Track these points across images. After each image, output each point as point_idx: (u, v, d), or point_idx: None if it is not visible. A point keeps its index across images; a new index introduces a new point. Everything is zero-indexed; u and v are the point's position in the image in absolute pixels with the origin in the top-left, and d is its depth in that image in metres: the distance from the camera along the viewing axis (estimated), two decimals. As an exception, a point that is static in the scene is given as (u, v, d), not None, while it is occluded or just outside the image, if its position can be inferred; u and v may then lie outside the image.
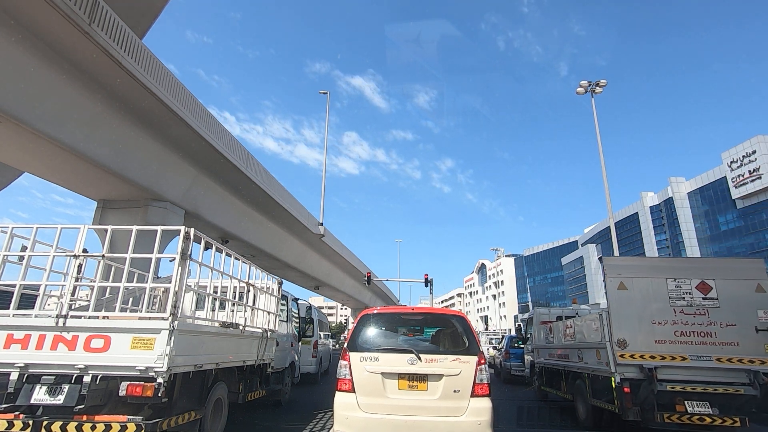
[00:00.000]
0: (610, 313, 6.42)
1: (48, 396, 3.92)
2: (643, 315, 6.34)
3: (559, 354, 9.21)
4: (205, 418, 5.03)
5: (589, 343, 7.29)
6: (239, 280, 6.05)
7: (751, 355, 5.93)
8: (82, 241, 4.45)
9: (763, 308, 6.12)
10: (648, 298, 6.40)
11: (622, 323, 6.33)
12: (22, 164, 15.18)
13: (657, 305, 6.34)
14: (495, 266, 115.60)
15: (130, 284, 4.90)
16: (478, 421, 4.26)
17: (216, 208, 20.56)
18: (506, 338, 17.40)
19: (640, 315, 6.35)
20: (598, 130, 24.25)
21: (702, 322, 6.17)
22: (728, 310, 6.18)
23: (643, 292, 6.43)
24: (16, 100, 11.04)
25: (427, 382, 4.41)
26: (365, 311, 5.12)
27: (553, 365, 9.54)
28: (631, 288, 6.47)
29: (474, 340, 4.69)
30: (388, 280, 45.95)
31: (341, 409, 4.41)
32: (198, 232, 4.60)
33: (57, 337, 4.06)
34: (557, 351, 9.36)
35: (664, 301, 6.34)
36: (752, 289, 6.23)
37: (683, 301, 6.32)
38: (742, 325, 6.08)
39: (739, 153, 55.20)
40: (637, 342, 6.20)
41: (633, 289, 6.46)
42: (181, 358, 4.23)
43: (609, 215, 24.70)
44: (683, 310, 6.28)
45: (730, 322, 6.12)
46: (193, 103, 15.31)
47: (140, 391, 3.91)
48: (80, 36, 10.71)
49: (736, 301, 6.21)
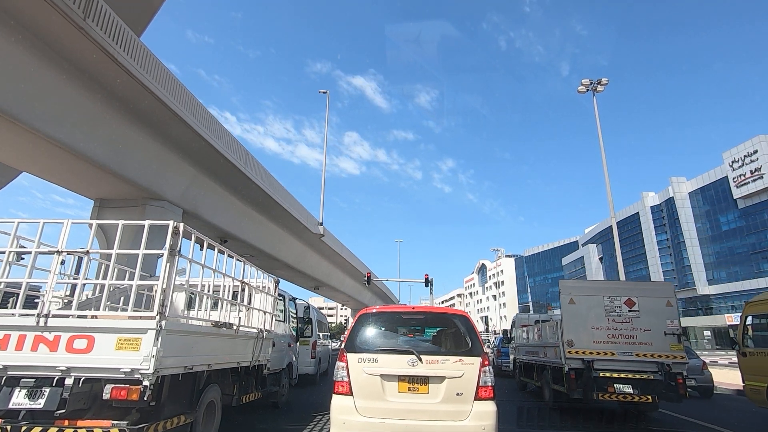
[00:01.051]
0: (563, 321, 8.46)
1: (28, 400, 3.71)
2: (586, 322, 8.32)
3: (532, 351, 11.48)
4: (196, 422, 4.82)
5: (550, 343, 9.48)
6: (233, 279, 5.84)
7: (660, 352, 7.94)
8: (66, 237, 4.24)
9: (670, 318, 8.14)
10: (590, 310, 8.38)
11: (571, 328, 8.34)
12: (20, 163, 15.03)
13: (596, 315, 8.32)
14: (495, 266, 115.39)
15: (116, 282, 4.71)
16: (482, 425, 4.05)
17: (215, 208, 20.38)
18: (498, 338, 19.50)
19: (584, 322, 8.33)
20: (599, 128, 24.05)
21: (627, 328, 8.19)
22: (646, 319, 8.17)
23: (587, 306, 8.42)
24: (15, 99, 10.93)
25: (428, 384, 4.20)
26: (364, 310, 4.90)
27: (528, 360, 11.89)
28: (578, 303, 8.49)
29: (477, 341, 4.48)
30: (388, 280, 45.82)
31: (338, 413, 4.20)
32: (188, 228, 4.39)
33: (38, 337, 3.85)
34: (531, 349, 11.66)
35: (601, 312, 8.32)
36: (664, 304, 8.25)
37: (615, 312, 8.31)
38: (654, 330, 8.09)
39: (740, 153, 55.00)
40: (581, 342, 8.23)
41: (579, 304, 8.48)
42: (169, 359, 4.02)
43: (611, 214, 24.50)
44: (614, 319, 8.27)
45: (647, 328, 8.13)
46: (191, 101, 15.14)
47: (125, 394, 3.70)
48: (76, 32, 10.56)
49: (652, 312, 8.20)
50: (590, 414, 8.85)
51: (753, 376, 8.08)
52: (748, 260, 55.17)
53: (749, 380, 8.16)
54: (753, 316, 8.55)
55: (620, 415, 8.85)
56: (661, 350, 7.98)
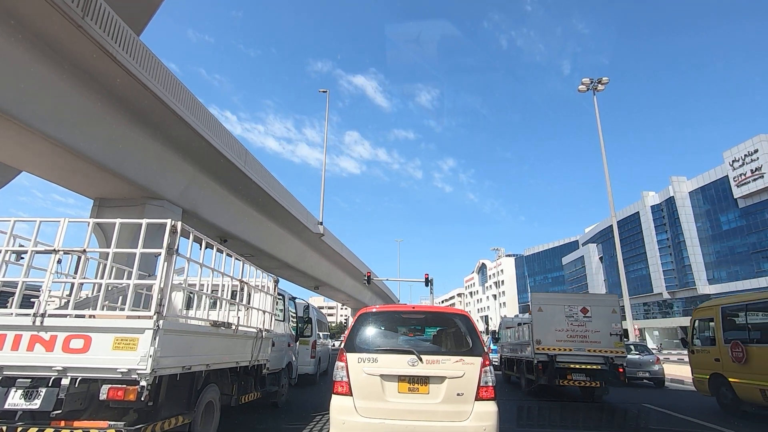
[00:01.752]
0: (533, 325, 10.64)
1: (23, 400, 3.67)
2: (551, 326, 10.45)
3: (513, 348, 13.83)
4: (194, 422, 4.78)
5: (525, 341, 11.70)
6: (232, 278, 5.80)
7: (606, 348, 10.07)
8: (62, 236, 4.20)
9: (614, 322, 10.35)
10: (554, 316, 10.49)
11: (539, 330, 10.50)
12: (20, 163, 14.99)
13: (558, 320, 10.44)
14: (495, 266, 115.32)
15: (113, 281, 4.67)
16: (483, 426, 4.00)
17: (215, 207, 20.35)
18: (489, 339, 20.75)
19: (549, 326, 10.45)
20: (600, 127, 24.00)
21: (582, 330, 10.32)
22: (596, 323, 10.33)
23: (551, 313, 10.55)
24: (15, 98, 10.90)
25: (428, 384, 4.16)
26: (363, 310, 4.85)
27: (510, 356, 14.17)
28: (545, 311, 10.65)
29: (478, 340, 4.44)
30: (389, 279, 45.81)
31: (338, 413, 4.15)
32: (186, 227, 4.35)
33: (34, 337, 3.80)
34: (512, 347, 14.04)
35: (562, 318, 10.43)
36: (610, 311, 10.47)
37: (573, 318, 10.41)
38: (603, 332, 10.24)
39: (740, 152, 54.90)
40: (547, 341, 10.35)
41: (546, 311, 10.63)
42: (167, 359, 3.98)
43: (611, 214, 24.45)
44: (572, 323, 10.37)
45: (597, 330, 10.29)
46: (191, 100, 15.11)
47: (122, 394, 3.66)
48: (75, 31, 10.53)
49: (601, 318, 10.36)
50: (590, 413, 8.95)
51: (698, 369, 9.86)
52: (749, 260, 55.12)
53: (696, 373, 9.94)
54: (699, 320, 10.21)
55: (620, 415, 8.96)
56: (607, 347, 10.10)
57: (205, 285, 5.23)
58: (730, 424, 7.96)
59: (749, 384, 8.09)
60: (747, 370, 8.16)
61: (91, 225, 4.59)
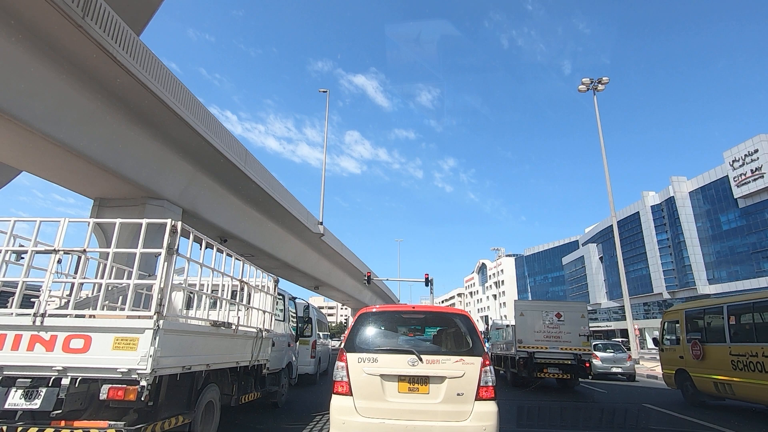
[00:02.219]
0: (516, 327, 12.84)
1: (24, 400, 3.67)
2: (531, 328, 12.50)
3: (501, 347, 16.04)
4: (194, 422, 4.78)
5: (510, 341, 13.94)
6: (232, 278, 5.80)
7: (576, 347, 12.13)
8: (62, 236, 4.20)
9: (583, 325, 12.41)
10: (533, 320, 12.56)
11: (521, 332, 12.56)
12: (20, 163, 14.98)
13: (537, 323, 12.50)
14: (495, 266, 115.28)
15: (113, 281, 4.66)
16: (483, 426, 4.00)
17: (214, 207, 20.34)
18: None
19: (529, 328, 12.51)
20: (600, 127, 24.00)
21: (556, 332, 12.38)
22: (568, 326, 12.40)
23: (531, 317, 12.61)
24: (15, 98, 10.89)
25: (428, 384, 4.16)
26: (363, 309, 4.85)
27: (499, 353, 16.31)
28: (526, 315, 12.70)
29: (478, 340, 4.43)
30: (389, 279, 45.68)
31: (338, 413, 4.15)
32: (186, 226, 4.35)
33: (34, 336, 3.80)
34: (500, 345, 16.25)
35: (540, 321, 12.48)
36: (579, 316, 12.64)
37: (549, 321, 12.44)
38: (573, 333, 12.33)
39: (741, 152, 54.84)
40: (527, 340, 12.36)
41: (526, 316, 12.67)
42: (167, 359, 3.98)
43: (612, 213, 24.44)
44: (548, 326, 12.42)
45: (568, 332, 12.36)
46: (191, 100, 15.10)
47: (122, 394, 3.66)
48: (75, 31, 10.52)
49: (572, 321, 12.44)
50: (590, 413, 8.97)
51: (666, 365, 11.12)
52: (749, 259, 55.09)
53: (664, 369, 11.21)
54: (668, 322, 11.36)
55: (620, 415, 8.96)
56: (576, 346, 12.14)
57: (205, 285, 5.23)
58: (730, 424, 7.97)
59: (705, 378, 9.35)
60: (703, 365, 9.44)
61: (91, 225, 4.58)
